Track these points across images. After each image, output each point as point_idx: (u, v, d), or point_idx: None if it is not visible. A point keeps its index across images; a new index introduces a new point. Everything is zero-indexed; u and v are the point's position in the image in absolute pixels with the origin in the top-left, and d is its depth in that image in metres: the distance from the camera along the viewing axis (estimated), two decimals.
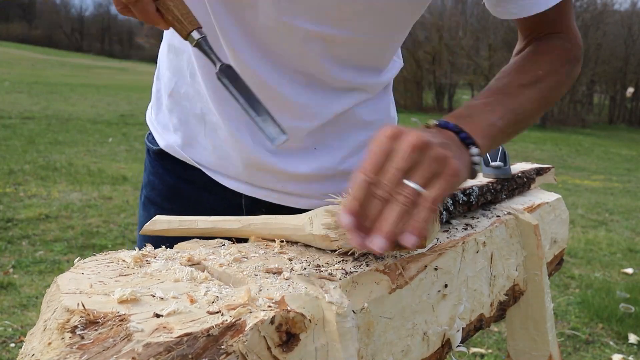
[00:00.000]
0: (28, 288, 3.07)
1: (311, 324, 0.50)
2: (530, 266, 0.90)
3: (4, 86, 14.60)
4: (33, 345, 0.44)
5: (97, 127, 9.55)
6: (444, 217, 0.80)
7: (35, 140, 7.66)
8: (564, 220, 1.10)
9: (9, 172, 5.63)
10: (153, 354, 0.39)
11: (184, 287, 0.52)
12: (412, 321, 0.64)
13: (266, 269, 0.59)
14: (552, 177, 1.18)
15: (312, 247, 0.68)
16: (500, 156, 1.01)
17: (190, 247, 0.67)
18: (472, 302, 0.76)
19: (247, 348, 0.44)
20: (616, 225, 5.68)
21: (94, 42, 67.57)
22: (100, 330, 0.42)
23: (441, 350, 0.70)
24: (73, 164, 6.35)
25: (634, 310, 3.29)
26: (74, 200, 4.83)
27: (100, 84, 19.31)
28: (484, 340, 2.88)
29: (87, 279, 0.52)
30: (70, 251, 3.65)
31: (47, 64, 31.31)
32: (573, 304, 3.43)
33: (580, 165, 11.17)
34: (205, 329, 0.43)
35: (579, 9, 27.73)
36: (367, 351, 0.58)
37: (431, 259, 0.68)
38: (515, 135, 0.80)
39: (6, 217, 4.18)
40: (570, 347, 2.90)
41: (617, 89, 30.95)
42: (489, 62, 25.00)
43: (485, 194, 0.91)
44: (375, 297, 0.59)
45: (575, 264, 4.24)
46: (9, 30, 59.45)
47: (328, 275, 0.58)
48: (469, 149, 0.67)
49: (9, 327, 2.64)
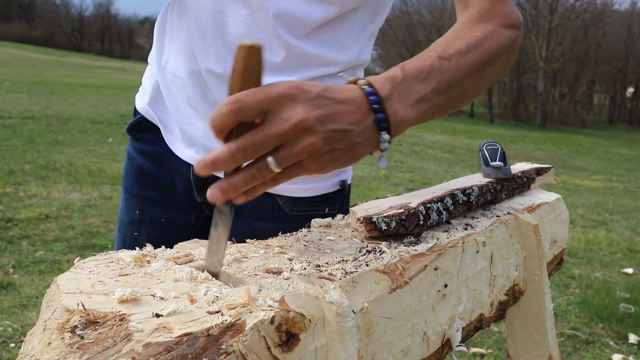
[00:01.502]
0: (28, 288, 3.07)
1: (311, 324, 0.50)
2: (530, 266, 0.90)
3: (4, 86, 14.60)
4: (33, 345, 0.44)
5: (97, 127, 9.55)
6: (443, 217, 0.80)
7: (35, 140, 7.66)
8: (564, 220, 1.10)
9: (9, 172, 5.63)
10: (153, 354, 0.39)
11: (184, 287, 0.52)
12: (412, 321, 0.64)
13: (266, 269, 0.59)
14: (552, 177, 1.18)
15: (312, 247, 0.68)
16: (500, 156, 1.01)
17: (190, 247, 0.67)
18: (472, 302, 0.76)
19: (247, 348, 0.44)
20: (616, 225, 5.68)
21: (94, 42, 67.59)
22: (100, 330, 0.42)
23: (441, 350, 0.70)
24: (73, 164, 6.35)
25: (634, 310, 3.29)
26: (74, 200, 4.83)
27: (100, 84, 19.31)
28: (484, 340, 2.88)
29: (87, 279, 0.52)
30: (70, 251, 3.65)
31: (47, 64, 31.32)
32: (573, 304, 3.43)
33: (580, 165, 11.17)
34: (205, 329, 0.43)
35: (578, 9, 27.68)
36: (367, 351, 0.58)
37: (431, 259, 0.68)
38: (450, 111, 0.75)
39: (6, 217, 4.18)
40: (570, 347, 2.90)
41: (617, 89, 30.92)
42: None
43: (485, 194, 0.91)
44: (375, 297, 0.59)
45: (575, 264, 4.24)
46: (9, 30, 59.45)
47: (328, 275, 0.58)
48: (380, 134, 0.63)
49: (9, 327, 2.64)
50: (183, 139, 1.05)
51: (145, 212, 1.12)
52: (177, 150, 1.06)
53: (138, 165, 1.13)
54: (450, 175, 7.72)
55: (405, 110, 0.65)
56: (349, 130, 0.59)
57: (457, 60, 0.72)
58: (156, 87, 1.08)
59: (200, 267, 0.59)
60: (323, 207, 1.05)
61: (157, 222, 1.11)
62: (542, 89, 26.08)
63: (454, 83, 0.71)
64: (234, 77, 0.56)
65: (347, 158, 0.61)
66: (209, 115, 0.97)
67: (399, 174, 7.84)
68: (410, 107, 0.66)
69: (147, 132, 1.11)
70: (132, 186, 1.13)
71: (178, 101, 1.04)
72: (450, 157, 10.48)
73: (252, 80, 0.56)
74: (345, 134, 0.59)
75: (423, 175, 7.95)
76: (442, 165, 9.26)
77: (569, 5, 27.50)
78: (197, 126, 1.02)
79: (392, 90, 0.64)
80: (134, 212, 1.13)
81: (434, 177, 7.76)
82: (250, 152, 0.55)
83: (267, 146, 0.55)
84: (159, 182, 1.10)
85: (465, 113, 27.93)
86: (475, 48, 0.74)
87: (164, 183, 1.10)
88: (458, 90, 0.72)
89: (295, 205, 1.03)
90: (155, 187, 1.11)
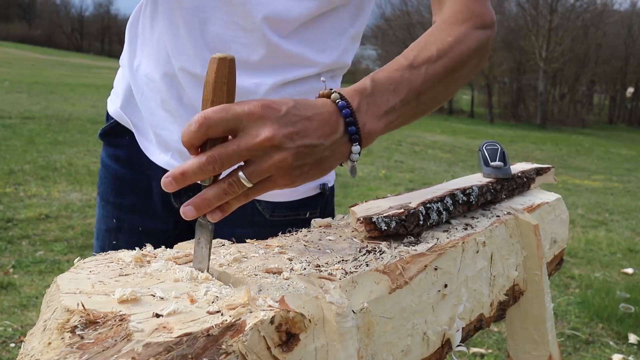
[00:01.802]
0: (28, 288, 3.07)
1: (311, 324, 0.50)
2: (530, 266, 0.90)
3: (4, 86, 14.60)
4: (33, 345, 0.44)
5: (97, 127, 9.52)
6: (443, 217, 0.80)
7: (35, 140, 7.66)
8: (564, 220, 1.10)
9: (9, 172, 5.63)
10: (153, 354, 0.39)
11: (184, 287, 0.52)
12: (412, 321, 0.64)
13: (266, 269, 0.59)
14: (552, 177, 1.18)
15: (312, 247, 0.68)
16: (500, 156, 1.01)
17: (190, 247, 0.67)
18: (472, 302, 0.76)
19: (246, 348, 0.44)
20: (616, 225, 5.68)
21: (94, 42, 67.57)
22: (100, 330, 0.42)
23: (441, 350, 0.70)
24: (73, 164, 6.35)
25: (634, 310, 3.29)
26: (74, 200, 4.83)
27: (100, 84, 19.30)
28: (484, 340, 2.88)
29: (87, 279, 0.52)
30: (70, 251, 3.65)
31: (47, 64, 31.31)
32: (573, 304, 3.43)
33: (580, 165, 11.17)
34: (205, 329, 0.43)
35: (578, 9, 27.69)
36: (367, 351, 0.58)
37: (431, 259, 0.68)
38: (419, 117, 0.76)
39: (6, 217, 4.18)
40: (570, 347, 2.90)
41: (617, 89, 30.93)
42: (489, 62, 25.00)
43: (485, 194, 0.91)
44: (375, 297, 0.59)
45: (575, 264, 4.24)
46: (9, 30, 59.45)
47: (328, 275, 0.58)
48: (352, 145, 0.65)
49: (9, 327, 2.64)
50: (158, 144, 1.03)
51: (122, 220, 1.10)
52: (152, 155, 1.04)
53: (112, 172, 1.10)
54: (450, 175, 7.72)
55: (372, 122, 0.67)
56: (317, 145, 0.61)
57: (426, 68, 0.74)
58: (128, 90, 1.06)
59: None
60: (303, 211, 1.05)
61: (135, 230, 1.09)
62: (542, 89, 26.09)
63: (423, 91, 0.73)
64: (206, 88, 0.58)
65: (315, 171, 0.62)
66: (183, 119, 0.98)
67: (399, 174, 7.84)
68: (377, 118, 0.67)
69: (121, 137, 1.09)
70: (108, 194, 1.11)
71: (152, 105, 1.02)
72: (450, 157, 10.48)
73: (223, 92, 0.57)
74: (313, 149, 0.60)
75: (423, 175, 7.95)
76: (442, 165, 9.26)
77: (569, 5, 27.51)
78: (172, 130, 1.00)
79: (360, 103, 0.66)
80: (110, 220, 1.11)
81: (434, 177, 7.76)
82: (219, 164, 0.56)
83: (235, 159, 0.57)
84: (134, 189, 1.08)
85: (465, 113, 27.94)
86: (446, 54, 0.76)
87: (140, 189, 1.08)
88: (427, 97, 0.74)
89: (274, 210, 1.02)
90: (131, 193, 1.09)
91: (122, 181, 1.09)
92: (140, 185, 1.08)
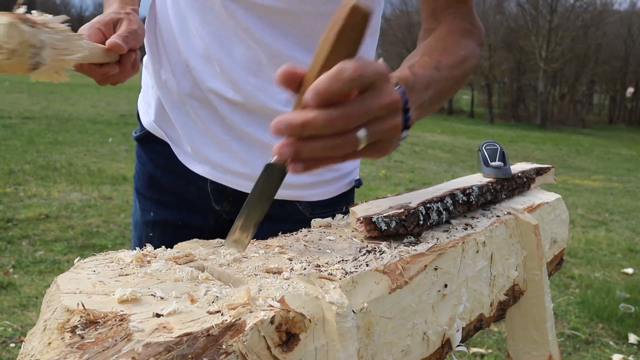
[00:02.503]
0: (28, 288, 3.07)
1: (311, 324, 0.50)
2: (530, 266, 0.90)
3: (4, 86, 14.60)
4: (33, 345, 0.44)
5: (97, 127, 9.55)
6: (443, 217, 0.80)
7: (35, 140, 7.66)
8: (564, 220, 1.10)
9: (9, 172, 5.63)
10: (153, 354, 0.39)
11: (184, 287, 0.52)
12: (412, 321, 0.64)
13: (266, 269, 0.59)
14: (552, 177, 1.18)
15: (312, 247, 0.68)
16: (500, 156, 1.01)
17: (190, 247, 0.67)
18: (472, 302, 0.76)
19: (247, 348, 0.44)
20: (616, 225, 5.68)
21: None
22: (100, 330, 0.42)
23: (441, 350, 0.70)
24: (73, 164, 6.35)
25: (634, 310, 3.29)
26: (74, 200, 4.83)
27: None
28: (484, 340, 2.88)
29: (87, 279, 0.52)
30: (70, 251, 3.65)
31: None
32: (573, 304, 3.43)
33: (580, 165, 11.17)
34: (205, 329, 0.43)
35: (578, 9, 27.69)
36: (367, 351, 0.58)
37: (431, 259, 0.68)
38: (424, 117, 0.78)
39: (6, 217, 4.18)
40: (570, 347, 2.90)
41: (617, 89, 30.93)
42: (489, 62, 25.00)
43: (485, 193, 0.91)
44: (375, 297, 0.59)
45: (575, 264, 4.24)
46: None
47: (328, 275, 0.58)
48: (402, 131, 0.63)
49: (9, 327, 2.64)
50: (195, 157, 1.02)
51: (159, 214, 1.09)
52: (191, 166, 1.03)
53: (150, 170, 1.09)
54: (450, 175, 7.72)
55: (412, 112, 0.67)
56: None
57: (446, 74, 0.78)
58: (160, 103, 1.05)
59: (200, 267, 0.59)
60: (341, 206, 1.08)
61: (173, 223, 1.08)
62: (542, 89, 26.09)
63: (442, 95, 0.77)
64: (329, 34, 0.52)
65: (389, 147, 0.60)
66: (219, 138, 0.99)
67: (399, 174, 7.84)
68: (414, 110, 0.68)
69: (157, 144, 1.08)
70: (145, 189, 1.10)
71: (186, 120, 1.01)
72: (450, 157, 10.48)
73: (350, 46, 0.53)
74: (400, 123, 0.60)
75: (423, 175, 7.95)
76: (442, 165, 9.26)
77: (569, 5, 27.51)
78: (210, 146, 1.00)
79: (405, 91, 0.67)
80: (148, 213, 1.10)
81: (434, 177, 7.76)
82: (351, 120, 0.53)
83: (364, 118, 0.54)
84: (173, 191, 1.07)
85: (465, 113, 27.93)
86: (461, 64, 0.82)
87: (179, 192, 1.07)
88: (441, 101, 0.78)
89: (314, 209, 1.05)
90: (170, 193, 1.08)
91: (160, 182, 1.08)
92: (179, 188, 1.06)
